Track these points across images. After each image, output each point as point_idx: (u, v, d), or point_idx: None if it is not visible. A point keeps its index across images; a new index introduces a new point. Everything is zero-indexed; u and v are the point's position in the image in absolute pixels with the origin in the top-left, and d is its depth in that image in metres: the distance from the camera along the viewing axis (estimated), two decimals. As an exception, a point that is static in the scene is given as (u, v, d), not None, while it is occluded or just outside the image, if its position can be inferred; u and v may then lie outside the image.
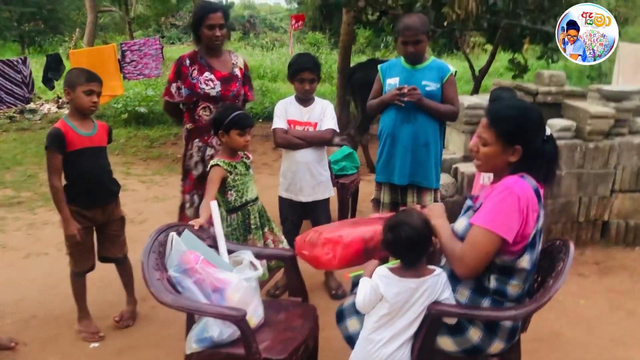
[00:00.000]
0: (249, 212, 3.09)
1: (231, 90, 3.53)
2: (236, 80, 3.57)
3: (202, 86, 3.46)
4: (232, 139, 3.00)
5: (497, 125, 2.17)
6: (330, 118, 3.60)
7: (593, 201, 4.56)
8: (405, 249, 2.18)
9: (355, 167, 4.95)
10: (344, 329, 2.45)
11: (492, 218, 2.08)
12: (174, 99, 3.54)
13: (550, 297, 2.09)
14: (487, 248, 2.08)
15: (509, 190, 2.09)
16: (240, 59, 3.71)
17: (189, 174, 3.61)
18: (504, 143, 2.16)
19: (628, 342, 3.30)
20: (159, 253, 2.43)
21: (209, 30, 3.43)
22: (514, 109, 2.22)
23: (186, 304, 2.23)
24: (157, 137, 8.77)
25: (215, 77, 3.49)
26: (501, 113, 2.21)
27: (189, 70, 3.49)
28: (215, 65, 3.53)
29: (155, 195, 6.02)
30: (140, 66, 6.13)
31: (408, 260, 2.21)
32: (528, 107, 2.26)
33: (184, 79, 3.49)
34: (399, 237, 2.16)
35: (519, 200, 2.07)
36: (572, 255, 2.22)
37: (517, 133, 2.15)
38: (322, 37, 19.14)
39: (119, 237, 3.39)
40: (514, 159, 2.16)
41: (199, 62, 3.51)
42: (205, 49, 3.54)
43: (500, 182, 2.16)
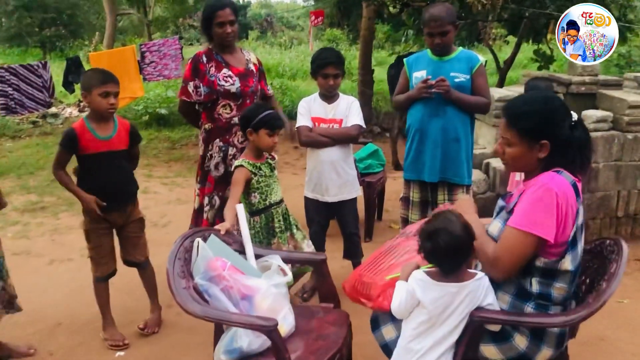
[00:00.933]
0: (272, 214, 2.99)
1: (249, 85, 3.43)
2: (252, 76, 3.48)
3: (222, 83, 3.36)
4: (260, 138, 2.89)
5: (517, 123, 2.04)
6: (356, 114, 3.47)
7: (632, 195, 4.36)
8: (445, 258, 2.04)
9: (380, 164, 4.83)
10: (380, 336, 2.33)
11: (529, 218, 1.94)
12: (192, 98, 3.43)
13: (605, 301, 1.94)
14: (524, 250, 1.95)
15: (545, 187, 1.94)
16: (252, 54, 3.62)
17: (207, 175, 3.50)
18: (528, 141, 2.02)
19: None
20: (185, 260, 2.33)
21: (219, 27, 3.34)
22: (532, 103, 2.07)
23: (215, 314, 2.12)
24: (179, 138, 8.73)
25: (233, 73, 3.40)
26: (519, 110, 2.07)
27: (206, 67, 3.40)
28: (231, 62, 3.44)
29: (178, 198, 5.95)
30: (159, 67, 6.05)
31: (448, 269, 2.06)
32: (547, 97, 2.11)
33: (202, 77, 3.39)
34: (438, 245, 2.00)
35: (557, 196, 1.93)
36: (626, 256, 2.06)
37: (540, 128, 2.01)
38: (340, 33, 19.01)
39: (139, 239, 3.31)
40: (543, 155, 2.02)
41: (215, 59, 3.42)
42: (218, 46, 3.45)
43: (535, 179, 2.01)
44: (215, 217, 3.45)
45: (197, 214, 3.57)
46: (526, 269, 2.03)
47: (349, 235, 3.62)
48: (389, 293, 2.20)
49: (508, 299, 2.09)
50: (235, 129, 3.40)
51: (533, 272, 2.03)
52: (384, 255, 2.45)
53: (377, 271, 2.35)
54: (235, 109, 3.39)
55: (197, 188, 3.58)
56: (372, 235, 4.64)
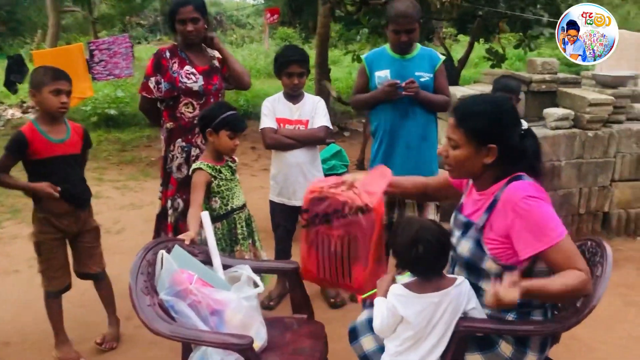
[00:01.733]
0: (235, 220, 2.83)
1: (213, 84, 3.28)
2: (217, 74, 3.33)
3: (184, 80, 3.19)
4: (220, 140, 2.73)
5: (466, 123, 1.93)
6: (322, 115, 3.35)
7: (593, 192, 4.41)
8: (429, 264, 1.94)
9: (344, 165, 4.72)
10: (358, 347, 2.23)
11: (551, 228, 1.83)
12: (153, 95, 3.26)
13: (594, 306, 1.88)
14: (574, 246, 1.87)
15: (526, 200, 1.85)
16: (215, 52, 3.45)
17: (170, 177, 3.32)
18: (476, 143, 1.92)
19: (648, 341, 3.14)
20: (148, 274, 2.16)
21: (181, 25, 3.20)
22: (483, 104, 1.99)
23: (184, 333, 1.96)
24: (129, 140, 8.41)
25: (196, 70, 3.23)
26: (470, 109, 1.97)
27: (169, 63, 3.23)
28: (195, 59, 3.29)
29: (131, 202, 5.69)
30: (110, 66, 5.74)
31: (431, 274, 1.97)
32: (498, 99, 2.06)
33: (164, 72, 3.22)
34: (423, 252, 1.90)
35: (541, 199, 1.87)
36: (610, 258, 2.01)
37: (489, 130, 1.91)
38: (292, 31, 18.86)
39: (95, 249, 3.10)
40: (489, 160, 1.93)
41: (179, 55, 3.26)
42: (183, 42, 3.29)
43: (507, 196, 1.90)
44: (178, 221, 3.27)
45: (159, 219, 3.39)
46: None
47: (316, 240, 3.50)
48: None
49: (488, 311, 2.00)
50: (198, 128, 3.24)
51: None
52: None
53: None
54: (198, 107, 3.22)
55: (159, 191, 3.41)
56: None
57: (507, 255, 1.92)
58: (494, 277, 1.97)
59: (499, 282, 1.71)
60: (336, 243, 2.27)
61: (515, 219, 1.86)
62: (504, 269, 1.92)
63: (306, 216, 2.29)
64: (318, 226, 2.28)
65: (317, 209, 2.26)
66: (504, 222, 1.90)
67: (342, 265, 2.30)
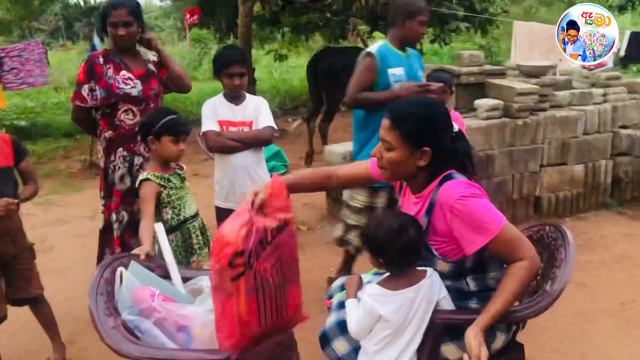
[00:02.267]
0: (189, 230, 2.72)
1: (152, 88, 3.13)
2: (154, 77, 3.17)
3: (121, 86, 3.03)
4: (163, 146, 2.61)
5: (402, 125, 1.93)
6: (266, 115, 3.27)
7: (524, 177, 4.60)
8: (414, 251, 1.93)
9: (284, 165, 4.69)
10: (331, 352, 2.19)
11: (488, 222, 1.86)
12: (87, 104, 3.07)
13: (563, 288, 1.94)
14: (515, 231, 1.92)
15: (460, 201, 1.87)
16: (149, 54, 3.29)
17: (112, 189, 3.14)
18: (410, 146, 1.93)
19: (590, 316, 3.30)
20: (108, 294, 2.01)
21: (112, 28, 3.03)
22: (419, 106, 2.00)
23: (156, 353, 1.83)
24: (44, 152, 7.94)
25: (133, 75, 3.08)
26: (405, 111, 1.97)
27: (103, 69, 3.05)
28: (130, 64, 3.13)
29: (57, 218, 5.36)
30: (22, 74, 5.37)
31: (407, 267, 1.96)
32: (432, 102, 2.09)
33: (99, 79, 3.04)
34: (406, 240, 1.90)
35: (474, 195, 1.88)
36: (572, 241, 2.08)
37: (424, 133, 1.93)
38: (206, 32, 18.48)
39: (31, 271, 2.88)
40: (423, 163, 1.95)
41: (113, 60, 3.09)
42: (116, 47, 3.12)
43: (442, 199, 1.91)
44: (124, 234, 3.11)
45: (103, 234, 3.20)
46: (459, 274, 2.00)
47: (267, 243, 3.41)
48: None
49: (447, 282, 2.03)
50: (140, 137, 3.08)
51: (465, 273, 2.00)
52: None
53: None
54: (138, 114, 3.07)
55: (101, 204, 3.20)
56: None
57: (454, 253, 1.96)
58: (446, 276, 2.01)
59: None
60: (273, 275, 2.04)
61: (453, 219, 1.89)
62: (455, 265, 1.97)
63: (241, 260, 1.87)
64: (254, 266, 1.96)
65: (248, 247, 1.92)
66: (445, 224, 1.93)
67: (281, 295, 2.08)
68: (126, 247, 3.10)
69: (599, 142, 4.81)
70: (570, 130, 4.67)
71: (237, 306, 1.86)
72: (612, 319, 3.27)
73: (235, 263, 1.82)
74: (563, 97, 4.77)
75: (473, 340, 1.80)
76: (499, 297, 1.87)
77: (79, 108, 3.12)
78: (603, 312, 3.33)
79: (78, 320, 3.46)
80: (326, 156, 4.96)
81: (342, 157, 4.68)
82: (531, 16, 12.81)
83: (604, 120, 4.80)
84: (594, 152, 4.81)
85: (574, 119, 4.64)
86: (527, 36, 7.46)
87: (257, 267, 1.93)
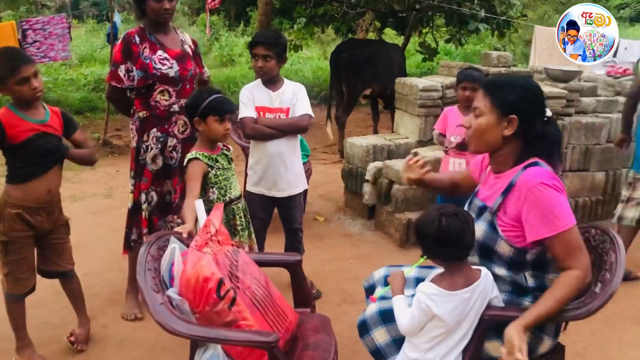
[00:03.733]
0: (234, 211, 2.71)
1: (188, 69, 3.09)
2: (190, 58, 3.14)
3: (158, 66, 2.98)
4: (210, 127, 2.59)
5: (493, 91, 2.00)
6: (304, 102, 3.22)
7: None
8: (453, 241, 1.92)
9: (305, 155, 4.64)
10: (370, 341, 2.18)
11: (558, 216, 1.87)
12: (124, 84, 3.01)
13: (613, 292, 1.93)
14: (580, 240, 1.92)
15: (540, 187, 1.88)
16: (186, 35, 3.26)
17: (143, 169, 3.11)
18: (499, 112, 1.97)
19: (614, 323, 3.30)
20: (155, 270, 1.99)
21: (156, 2, 2.94)
22: (512, 78, 2.13)
23: (207, 333, 1.82)
24: (56, 128, 7.88)
25: (169, 55, 3.03)
26: (500, 81, 2.08)
27: (139, 48, 2.99)
28: (166, 43, 3.07)
29: (72, 194, 5.32)
30: (45, 47, 5.31)
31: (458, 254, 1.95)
32: (530, 80, 2.14)
33: (135, 59, 2.98)
34: (444, 227, 1.90)
35: (555, 187, 1.89)
36: (622, 245, 2.07)
37: (514, 100, 1.97)
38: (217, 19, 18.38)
39: (65, 245, 2.86)
40: (508, 132, 1.97)
41: (148, 39, 3.03)
42: (151, 24, 3.05)
43: (522, 181, 1.92)
44: (151, 215, 3.08)
45: (132, 214, 3.16)
46: (518, 265, 1.99)
47: (294, 230, 3.40)
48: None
49: (504, 297, 2.04)
50: (175, 117, 3.05)
51: (525, 267, 1.99)
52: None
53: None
54: (174, 95, 3.02)
55: (131, 184, 3.16)
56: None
57: (519, 239, 1.95)
58: (505, 263, 1.98)
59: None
60: (257, 289, 2.09)
61: (526, 202, 1.90)
62: (516, 252, 1.96)
63: (227, 286, 1.89)
64: (240, 286, 2.00)
65: (225, 272, 1.97)
66: (517, 206, 1.93)
67: (274, 303, 2.13)
68: (153, 228, 3.08)
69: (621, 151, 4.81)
70: (594, 137, 4.66)
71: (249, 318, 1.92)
72: (637, 327, 3.27)
73: (223, 291, 1.87)
74: (588, 104, 4.76)
75: (515, 338, 1.79)
76: (547, 301, 1.87)
77: (114, 88, 3.06)
78: (626, 319, 3.33)
79: (98, 297, 3.45)
80: (348, 148, 4.94)
81: (365, 151, 4.67)
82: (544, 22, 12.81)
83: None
84: (615, 160, 4.80)
85: (599, 126, 4.63)
86: (547, 41, 7.43)
87: (243, 287, 2.00)
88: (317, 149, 7.14)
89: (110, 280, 3.68)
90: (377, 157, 4.67)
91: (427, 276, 2.09)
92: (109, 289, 3.58)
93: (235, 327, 1.89)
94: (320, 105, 10.27)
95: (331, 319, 2.37)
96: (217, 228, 2.12)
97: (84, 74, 10.63)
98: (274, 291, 2.19)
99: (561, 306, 1.88)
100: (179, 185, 3.10)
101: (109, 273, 3.78)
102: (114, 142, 7.05)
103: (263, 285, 2.14)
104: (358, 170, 4.78)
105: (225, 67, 12.86)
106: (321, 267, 3.95)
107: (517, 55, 12.30)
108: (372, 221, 4.69)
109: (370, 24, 10.55)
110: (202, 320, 1.90)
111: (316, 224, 4.74)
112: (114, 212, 4.88)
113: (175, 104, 3.03)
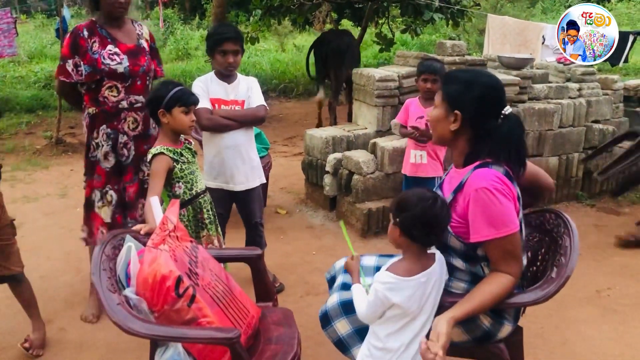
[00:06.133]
0: (200, 205, 2.69)
1: (140, 65, 3.01)
2: (144, 54, 3.06)
3: (107, 61, 2.90)
4: (175, 118, 2.54)
5: (445, 85, 2.04)
6: (258, 95, 3.21)
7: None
8: (437, 220, 1.90)
9: (265, 148, 4.62)
10: (332, 332, 2.18)
11: (496, 224, 1.87)
12: (72, 79, 2.94)
13: (569, 275, 1.97)
14: (518, 248, 1.93)
15: (482, 191, 1.87)
16: (145, 29, 3.18)
17: (95, 166, 3.03)
18: (447, 106, 2.00)
19: (569, 304, 3.39)
20: (110, 270, 1.95)
21: None
22: (468, 73, 2.05)
23: (167, 332, 1.79)
24: (5, 127, 7.65)
25: (120, 50, 2.95)
26: (454, 74, 2.07)
27: (87, 43, 2.91)
28: (118, 37, 2.99)
29: (24, 195, 5.16)
30: (-11, 44, 5.13)
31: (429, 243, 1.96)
32: (487, 76, 2.04)
33: (83, 54, 2.90)
34: (428, 207, 1.86)
35: (498, 191, 1.87)
36: (575, 229, 2.12)
37: (456, 95, 1.98)
38: (171, 12, 18.06)
39: (11, 247, 2.77)
40: (454, 127, 1.98)
41: (99, 34, 2.94)
42: (104, 18, 2.97)
43: (469, 182, 1.92)
44: (115, 215, 3.01)
45: (85, 211, 3.09)
46: (472, 258, 2.00)
47: (254, 225, 3.37)
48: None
49: (463, 285, 2.06)
50: (124, 114, 2.98)
51: (479, 259, 2.00)
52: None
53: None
54: (123, 91, 2.95)
55: (83, 180, 3.09)
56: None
57: (467, 236, 1.96)
58: (460, 256, 2.01)
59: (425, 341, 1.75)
60: (218, 285, 2.07)
61: (470, 204, 1.91)
62: (467, 247, 1.97)
63: (185, 283, 1.87)
64: (199, 283, 1.97)
65: (184, 270, 1.93)
66: (463, 206, 1.95)
67: (236, 299, 2.11)
68: (115, 227, 3.01)
69: (573, 136, 4.93)
70: (547, 123, 4.76)
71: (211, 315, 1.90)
72: (590, 306, 3.37)
73: (182, 289, 1.85)
74: (540, 90, 4.85)
75: (442, 331, 1.76)
76: (483, 295, 1.89)
77: (63, 83, 2.99)
78: (581, 299, 3.42)
79: (54, 300, 3.36)
80: (307, 140, 4.93)
81: (325, 142, 4.66)
82: (497, 11, 13.00)
83: (579, 114, 4.91)
84: (568, 145, 4.92)
85: (552, 111, 4.73)
86: (500, 30, 7.56)
87: (202, 283, 1.97)
88: (277, 142, 7.11)
89: (67, 282, 3.59)
90: (337, 149, 4.67)
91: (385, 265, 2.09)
92: (66, 291, 3.49)
93: (196, 324, 1.87)
94: (279, 97, 10.22)
95: (295, 311, 2.36)
96: (175, 224, 2.08)
97: (34, 70, 10.31)
98: (235, 286, 2.17)
99: (493, 304, 1.90)
100: (135, 183, 3.04)
101: (65, 275, 3.68)
102: (68, 141, 6.87)
103: (223, 281, 2.12)
104: (318, 162, 4.78)
105: (181, 61, 12.65)
106: (284, 260, 3.94)
107: (472, 44, 12.45)
108: (334, 212, 4.69)
109: (327, 15, 10.51)
110: (161, 319, 1.87)
111: (278, 217, 4.73)
112: (69, 212, 4.75)
113: (124, 100, 2.97)
